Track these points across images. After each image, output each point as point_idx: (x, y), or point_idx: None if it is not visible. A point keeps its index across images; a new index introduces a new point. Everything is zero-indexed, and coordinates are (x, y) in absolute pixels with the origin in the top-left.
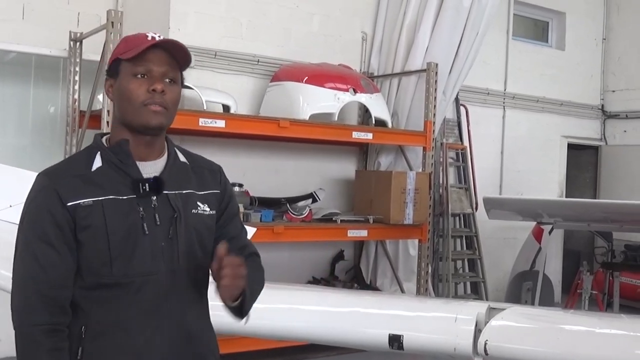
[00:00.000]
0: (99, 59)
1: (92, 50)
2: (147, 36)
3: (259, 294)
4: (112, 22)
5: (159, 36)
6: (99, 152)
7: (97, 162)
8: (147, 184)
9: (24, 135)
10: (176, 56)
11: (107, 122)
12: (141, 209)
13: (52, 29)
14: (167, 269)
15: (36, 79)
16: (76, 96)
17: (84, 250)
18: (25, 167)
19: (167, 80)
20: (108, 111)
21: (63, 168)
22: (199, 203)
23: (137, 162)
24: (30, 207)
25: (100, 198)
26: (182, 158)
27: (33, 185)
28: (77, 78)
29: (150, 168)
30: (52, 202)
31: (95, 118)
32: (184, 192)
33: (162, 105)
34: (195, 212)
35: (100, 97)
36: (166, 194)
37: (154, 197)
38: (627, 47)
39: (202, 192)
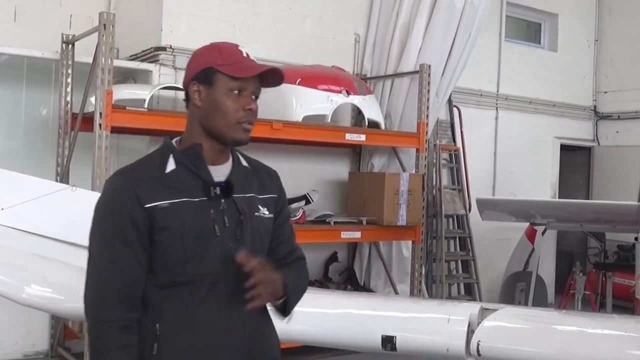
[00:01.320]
0: (91, 61)
1: (85, 53)
2: (242, 52)
3: (302, 294)
4: (105, 24)
5: (247, 51)
6: (171, 155)
7: (171, 165)
8: (218, 188)
9: (16, 137)
10: (265, 77)
11: (100, 125)
12: (212, 211)
13: (44, 31)
14: (235, 268)
15: (28, 82)
16: (68, 98)
17: (159, 251)
18: (17, 170)
19: (254, 97)
20: (100, 113)
21: (139, 170)
22: (259, 206)
23: (208, 167)
24: (109, 207)
25: (175, 200)
26: (243, 162)
27: (109, 186)
28: (69, 80)
29: (219, 172)
30: (132, 203)
31: (87, 120)
32: (247, 195)
33: (252, 123)
34: (257, 215)
35: (92, 99)
36: (233, 197)
37: (223, 200)
38: (619, 48)
39: (262, 196)
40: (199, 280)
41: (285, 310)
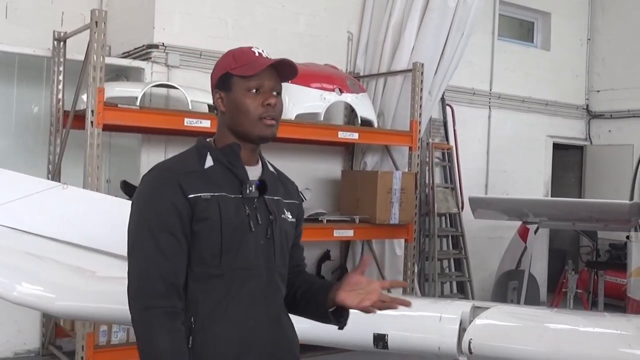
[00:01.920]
0: (83, 59)
1: (76, 50)
2: (254, 52)
3: None
4: (96, 22)
5: (262, 50)
6: (208, 152)
7: (209, 161)
8: (253, 186)
9: (8, 135)
10: (282, 71)
11: (92, 122)
12: (247, 208)
13: (35, 28)
14: (265, 265)
15: (20, 79)
16: (60, 96)
17: (197, 241)
18: (8, 167)
19: (275, 93)
20: (92, 111)
21: (180, 163)
22: (285, 210)
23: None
24: (153, 198)
25: (216, 194)
26: (270, 168)
27: (151, 179)
28: (60, 78)
29: (252, 173)
30: (176, 194)
31: (79, 118)
32: (275, 198)
33: (274, 118)
34: (284, 217)
35: (84, 97)
36: (264, 197)
37: (256, 199)
38: (611, 47)
39: (287, 201)
40: (232, 274)
41: (341, 318)
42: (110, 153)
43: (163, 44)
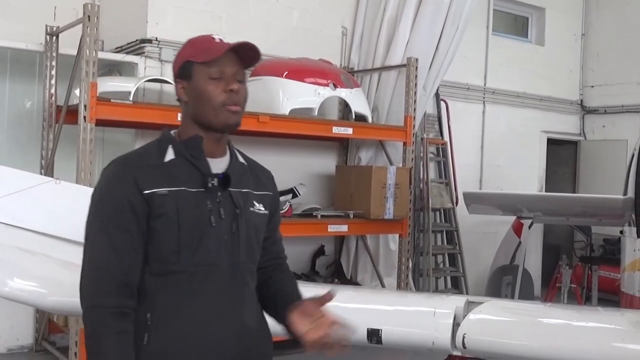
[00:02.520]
0: (75, 53)
1: (69, 45)
2: (214, 38)
3: None
4: (89, 16)
5: (223, 37)
6: (170, 145)
7: (170, 155)
8: (215, 179)
9: (0, 130)
10: (245, 56)
11: (84, 117)
12: (208, 202)
13: (28, 22)
14: (229, 261)
15: (12, 74)
16: (53, 91)
17: (154, 238)
18: (1, 162)
19: (238, 79)
20: (85, 106)
21: (138, 157)
22: (255, 202)
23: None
24: (107, 194)
25: (174, 188)
26: (241, 159)
27: (107, 174)
28: (53, 72)
29: (217, 165)
30: (130, 190)
31: (72, 113)
32: (243, 190)
33: (238, 104)
34: (252, 210)
35: (77, 91)
36: (229, 190)
37: (219, 193)
38: (605, 43)
39: (258, 192)
40: (192, 270)
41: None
42: (104, 148)
43: (156, 38)
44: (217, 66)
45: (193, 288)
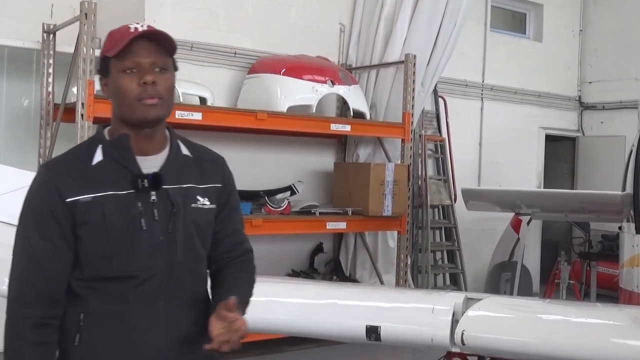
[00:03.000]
0: (72, 51)
1: (66, 42)
2: (130, 28)
3: (250, 298)
4: (86, 14)
5: (142, 26)
6: (100, 146)
7: (98, 156)
8: (145, 180)
9: None
10: (161, 43)
11: (82, 115)
12: (139, 204)
13: (25, 20)
14: (165, 263)
15: (9, 72)
16: (50, 89)
17: (83, 246)
18: None
19: (157, 69)
20: (82, 104)
21: (64, 162)
22: (199, 197)
23: (138, 157)
24: (31, 201)
25: (99, 194)
26: (184, 151)
27: (35, 178)
28: (50, 70)
29: (151, 162)
30: (52, 198)
31: (69, 111)
32: (184, 186)
33: (156, 96)
34: (194, 207)
35: (74, 89)
36: (165, 188)
37: (153, 193)
38: (603, 39)
39: (203, 186)
40: (127, 275)
41: None
42: None
43: None
44: (130, 58)
45: (128, 292)
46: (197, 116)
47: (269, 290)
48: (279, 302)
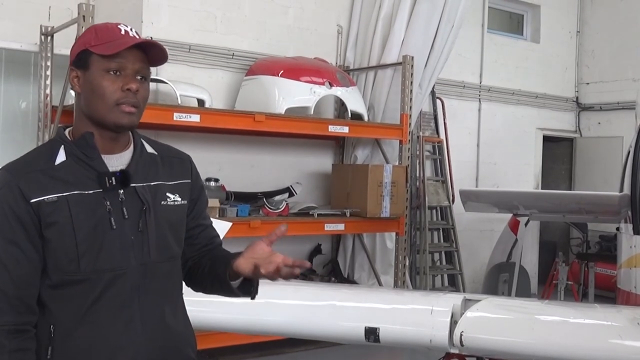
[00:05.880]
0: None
1: (64, 45)
2: (120, 30)
3: None
4: (84, 16)
5: (131, 29)
6: (62, 146)
7: (61, 156)
8: (113, 178)
9: None
10: (150, 54)
11: None
12: (108, 203)
13: (22, 23)
14: (137, 262)
15: (7, 74)
16: (48, 91)
17: (50, 247)
18: None
19: (140, 77)
20: None
21: (25, 163)
22: (168, 194)
23: (103, 156)
24: None
25: (65, 193)
26: (149, 149)
27: None
28: (48, 73)
29: (117, 161)
30: (15, 199)
31: (67, 113)
32: (152, 183)
33: (135, 105)
34: (165, 204)
35: (72, 91)
36: (134, 186)
37: (121, 191)
38: (600, 40)
39: (172, 183)
40: (97, 277)
41: (251, 289)
42: None
43: (151, 38)
44: (117, 60)
45: (98, 295)
46: (195, 118)
47: (268, 292)
48: (277, 304)
